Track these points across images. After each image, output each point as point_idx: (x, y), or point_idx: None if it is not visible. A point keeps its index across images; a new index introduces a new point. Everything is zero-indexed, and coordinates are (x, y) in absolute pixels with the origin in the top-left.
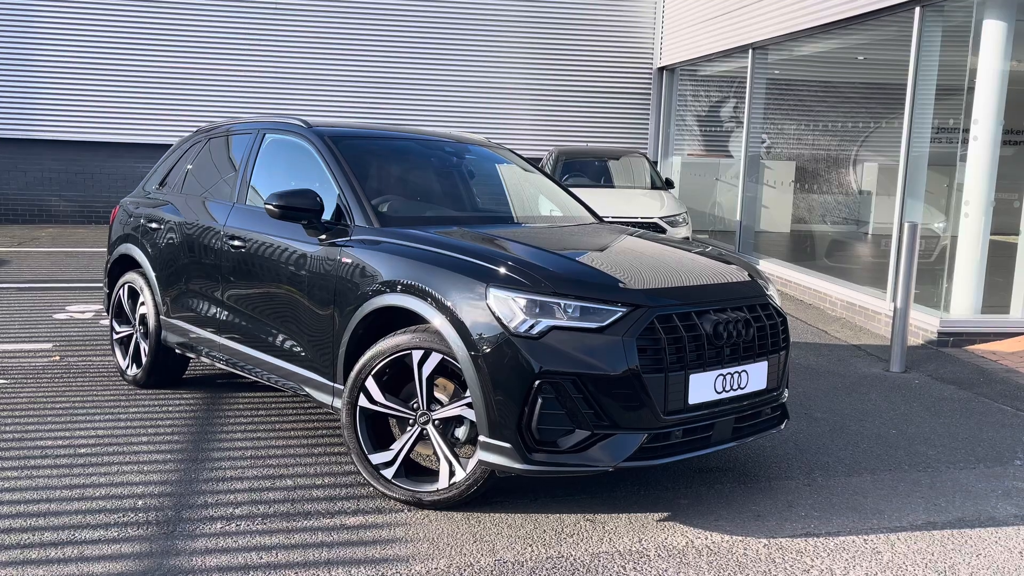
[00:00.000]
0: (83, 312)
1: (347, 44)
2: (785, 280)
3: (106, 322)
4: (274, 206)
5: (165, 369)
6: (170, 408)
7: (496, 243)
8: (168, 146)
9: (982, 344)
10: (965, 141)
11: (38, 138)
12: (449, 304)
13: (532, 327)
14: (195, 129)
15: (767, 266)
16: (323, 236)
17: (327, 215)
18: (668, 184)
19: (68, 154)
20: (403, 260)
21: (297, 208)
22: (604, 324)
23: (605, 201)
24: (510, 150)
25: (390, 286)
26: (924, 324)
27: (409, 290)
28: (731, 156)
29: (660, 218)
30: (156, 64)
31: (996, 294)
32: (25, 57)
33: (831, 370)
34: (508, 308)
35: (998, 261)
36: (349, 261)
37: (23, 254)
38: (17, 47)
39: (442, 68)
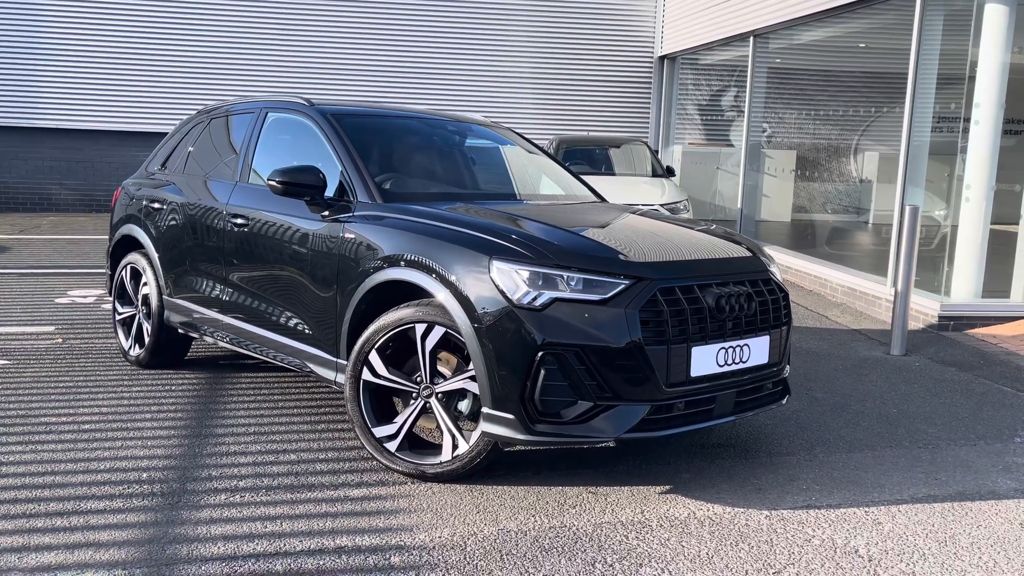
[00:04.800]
0: (85, 297)
1: (353, 31)
2: (786, 266)
3: (108, 306)
4: (277, 182)
5: (168, 349)
6: (173, 387)
7: (499, 217)
8: None
9: (982, 328)
10: (966, 129)
11: (40, 126)
12: (452, 277)
13: (535, 299)
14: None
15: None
16: (326, 212)
17: (330, 192)
18: (669, 172)
19: (69, 142)
20: (406, 235)
21: (300, 184)
22: (607, 296)
23: (606, 188)
24: (514, 130)
25: (393, 261)
26: (925, 308)
27: (412, 264)
28: (732, 145)
29: (661, 205)
30: (159, 51)
31: (996, 280)
32: (27, 45)
33: (832, 353)
34: (511, 280)
35: (999, 250)
36: (352, 237)
37: (24, 241)
38: (19, 35)
39: (445, 55)
